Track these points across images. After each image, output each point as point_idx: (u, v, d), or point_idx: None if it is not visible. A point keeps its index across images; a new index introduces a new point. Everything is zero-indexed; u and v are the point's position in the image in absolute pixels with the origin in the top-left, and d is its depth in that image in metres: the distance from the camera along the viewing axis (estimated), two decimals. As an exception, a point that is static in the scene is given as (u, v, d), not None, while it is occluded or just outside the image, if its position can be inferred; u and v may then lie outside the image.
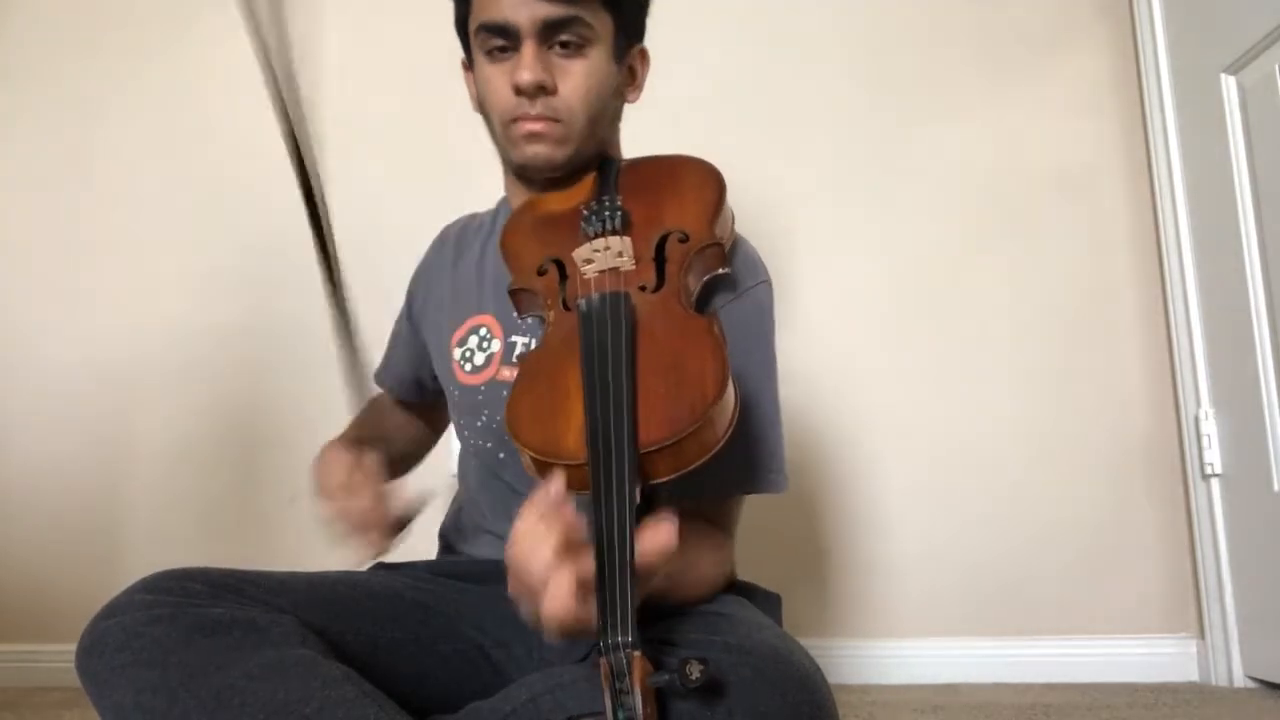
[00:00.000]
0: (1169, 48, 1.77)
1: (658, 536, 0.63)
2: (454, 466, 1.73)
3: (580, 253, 0.88)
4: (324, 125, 1.92)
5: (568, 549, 0.62)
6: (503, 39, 0.93)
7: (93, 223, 1.94)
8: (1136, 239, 1.80)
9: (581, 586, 0.61)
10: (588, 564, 0.62)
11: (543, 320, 0.87)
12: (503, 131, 0.97)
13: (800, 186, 1.83)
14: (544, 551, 0.62)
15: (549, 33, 0.92)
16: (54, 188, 1.96)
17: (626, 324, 0.77)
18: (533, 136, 0.94)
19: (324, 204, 1.00)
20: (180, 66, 1.98)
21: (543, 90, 0.92)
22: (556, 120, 0.94)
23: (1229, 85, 1.63)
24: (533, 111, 0.93)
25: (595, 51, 0.95)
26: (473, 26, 0.96)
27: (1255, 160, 1.58)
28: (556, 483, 0.67)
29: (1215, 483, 1.64)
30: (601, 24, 0.94)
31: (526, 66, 0.91)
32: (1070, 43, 1.87)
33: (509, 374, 0.98)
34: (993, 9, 1.88)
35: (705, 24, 1.80)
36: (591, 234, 0.90)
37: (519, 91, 0.92)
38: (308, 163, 0.99)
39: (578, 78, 0.94)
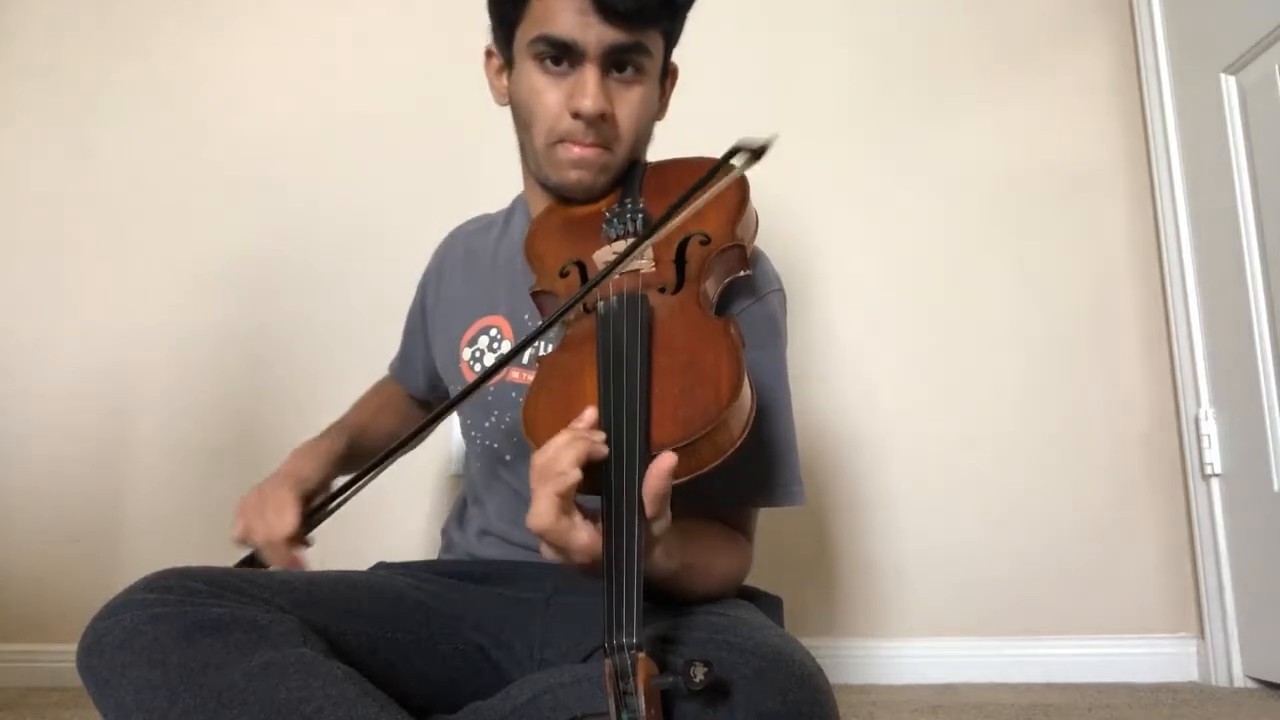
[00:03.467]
0: (1169, 47, 1.77)
1: (662, 460, 0.66)
2: (454, 466, 1.74)
3: (601, 254, 0.89)
4: (335, 124, 1.93)
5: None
6: (562, 54, 0.91)
7: (92, 224, 1.93)
8: (1136, 239, 1.80)
9: (568, 499, 0.66)
10: (599, 449, 0.67)
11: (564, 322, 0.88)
12: (545, 150, 0.95)
13: (802, 188, 1.83)
14: (564, 459, 0.66)
15: (612, 57, 0.91)
16: (53, 188, 1.96)
17: (643, 325, 0.77)
18: (580, 163, 0.93)
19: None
20: (180, 67, 1.98)
21: (602, 119, 0.91)
22: (606, 148, 0.94)
23: (1229, 85, 1.63)
24: (587, 139, 0.92)
25: (649, 79, 0.95)
26: (528, 32, 0.92)
27: (1255, 160, 1.58)
28: (591, 411, 0.70)
29: (1215, 483, 1.64)
30: (656, 50, 0.95)
31: (591, 95, 0.89)
32: (1070, 42, 1.87)
33: (519, 376, 0.98)
34: (992, 9, 1.88)
35: (708, 27, 1.79)
36: (613, 236, 0.91)
37: (577, 116, 0.91)
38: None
39: (632, 105, 0.93)
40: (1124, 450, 1.73)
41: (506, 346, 1.01)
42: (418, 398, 1.25)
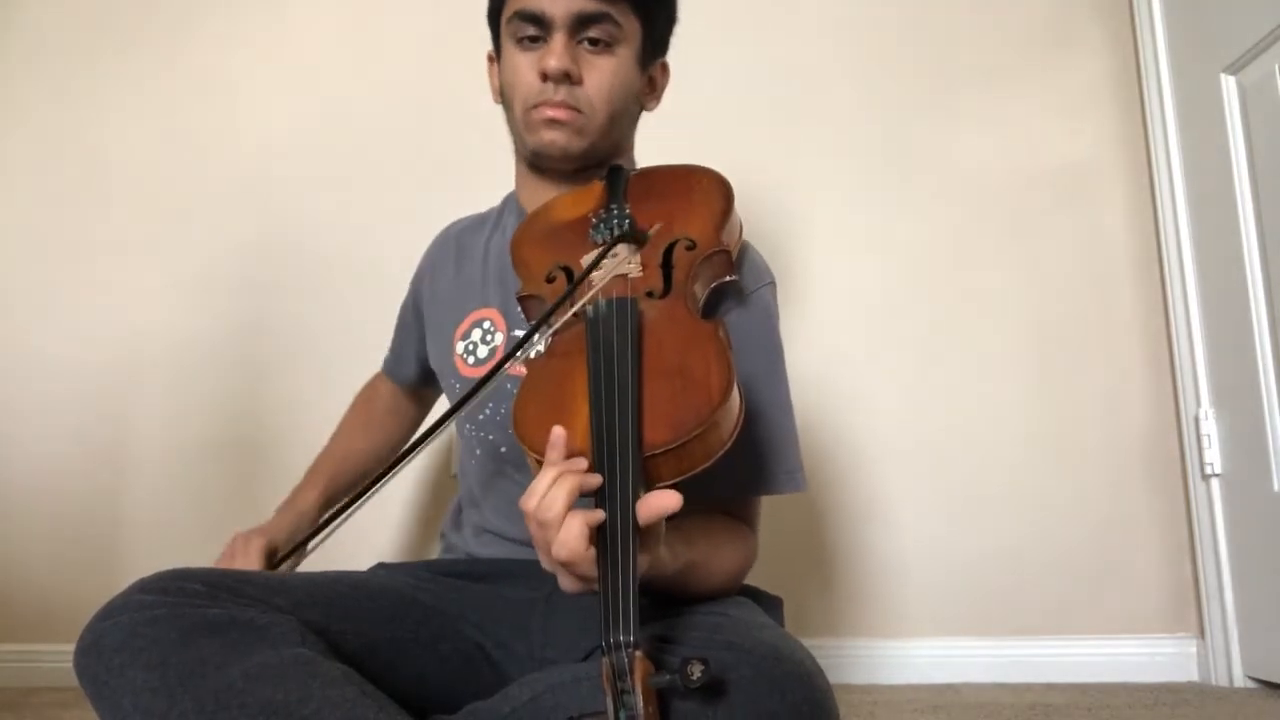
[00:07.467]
0: (1169, 48, 1.76)
1: (663, 498, 0.66)
2: (454, 466, 1.74)
3: (588, 259, 0.89)
4: (335, 124, 1.93)
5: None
6: (535, 28, 0.97)
7: (90, 225, 1.93)
8: (1136, 239, 1.80)
9: (588, 531, 0.65)
10: (596, 514, 0.65)
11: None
12: (523, 117, 1.00)
13: (801, 188, 1.83)
14: (559, 501, 0.65)
15: (580, 26, 0.96)
16: (50, 190, 1.96)
17: (632, 329, 0.78)
18: (552, 123, 0.98)
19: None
20: (178, 69, 1.98)
21: (568, 78, 0.96)
22: (578, 110, 0.98)
23: (1229, 85, 1.63)
24: (556, 98, 0.97)
25: (622, 51, 0.99)
26: (506, 14, 1.00)
27: (1255, 160, 1.58)
28: (558, 430, 0.69)
29: (1215, 483, 1.64)
30: (630, 26, 0.99)
31: (554, 54, 0.95)
32: (1070, 43, 1.87)
33: (517, 369, 0.98)
34: (992, 9, 1.88)
35: (706, 26, 1.80)
36: (600, 240, 0.91)
37: (545, 77, 0.96)
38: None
39: (603, 74, 0.98)
40: (1124, 450, 1.73)
41: (500, 338, 1.02)
42: (409, 389, 1.29)
